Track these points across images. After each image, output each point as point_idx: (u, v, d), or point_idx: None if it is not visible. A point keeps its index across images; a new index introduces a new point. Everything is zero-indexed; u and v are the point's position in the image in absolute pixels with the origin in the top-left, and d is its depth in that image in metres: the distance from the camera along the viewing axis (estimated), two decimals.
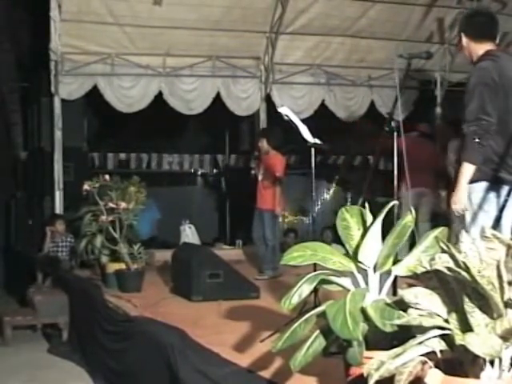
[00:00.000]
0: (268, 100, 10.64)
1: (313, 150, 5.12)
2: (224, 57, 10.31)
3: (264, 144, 7.67)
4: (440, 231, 2.76)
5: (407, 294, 2.34)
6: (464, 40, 4.07)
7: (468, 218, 3.84)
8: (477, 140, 3.72)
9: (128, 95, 9.94)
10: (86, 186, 6.71)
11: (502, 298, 2.18)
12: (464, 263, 2.18)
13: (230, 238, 11.77)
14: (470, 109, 3.81)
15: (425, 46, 9.85)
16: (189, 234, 10.01)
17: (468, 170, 3.76)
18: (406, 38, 10.53)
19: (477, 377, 2.20)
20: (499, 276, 2.18)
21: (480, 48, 3.99)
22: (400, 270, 2.74)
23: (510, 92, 3.85)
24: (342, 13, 10.07)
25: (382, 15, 10.22)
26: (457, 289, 2.26)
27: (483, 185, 3.79)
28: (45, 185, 10.10)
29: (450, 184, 4.28)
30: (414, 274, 2.59)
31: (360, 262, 2.79)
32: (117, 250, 6.63)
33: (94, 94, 9.79)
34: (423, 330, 2.30)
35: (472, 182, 3.81)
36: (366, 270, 2.80)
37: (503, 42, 9.74)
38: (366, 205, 2.97)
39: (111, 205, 6.61)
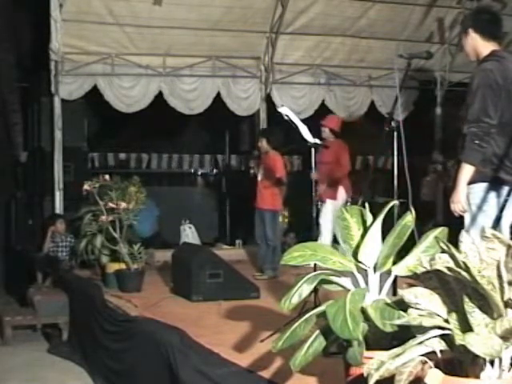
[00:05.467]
0: (268, 100, 10.64)
1: (313, 149, 5.13)
2: (224, 57, 10.31)
3: (264, 144, 7.67)
4: (440, 231, 2.76)
5: (407, 294, 2.34)
6: (473, 36, 3.98)
7: (468, 218, 3.84)
8: (476, 141, 3.73)
9: (128, 95, 9.94)
10: (86, 186, 6.71)
11: (502, 297, 2.18)
12: (464, 263, 2.18)
13: (229, 238, 11.77)
14: (471, 110, 3.81)
15: (425, 46, 9.84)
16: (189, 233, 10.01)
17: (467, 170, 3.77)
18: (406, 38, 10.54)
19: (477, 377, 2.20)
20: (499, 276, 2.18)
21: (486, 47, 3.94)
22: (400, 270, 2.74)
23: None
24: (342, 13, 10.08)
25: (382, 15, 10.22)
26: (457, 289, 2.26)
27: (482, 185, 3.79)
28: (45, 185, 10.10)
29: None
30: (414, 274, 2.59)
31: (360, 262, 2.80)
32: (117, 250, 6.63)
33: (94, 94, 9.78)
34: (423, 330, 2.30)
35: (472, 183, 3.81)
36: (366, 270, 2.80)
37: (503, 42, 9.74)
38: (366, 205, 2.97)
39: (111, 205, 6.61)
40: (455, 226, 3.14)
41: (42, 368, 6.19)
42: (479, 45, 3.97)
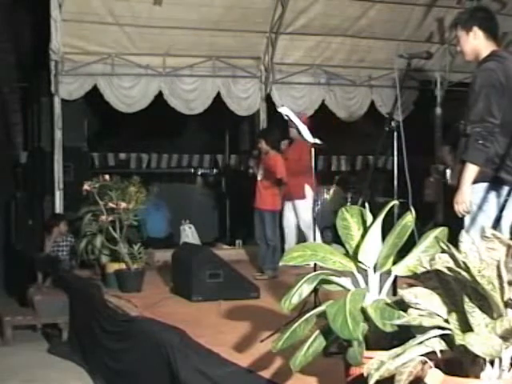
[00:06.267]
0: (268, 100, 10.64)
1: (313, 149, 5.13)
2: (224, 57, 10.31)
3: (263, 145, 7.69)
4: (440, 231, 2.76)
5: (407, 294, 2.34)
6: (478, 34, 3.90)
7: (468, 218, 3.84)
8: (480, 141, 3.71)
9: (128, 95, 9.94)
10: (86, 186, 6.70)
11: (502, 298, 2.18)
12: (464, 263, 2.18)
13: (229, 237, 11.77)
14: (475, 110, 3.77)
15: (425, 46, 9.84)
16: (189, 234, 10.01)
17: (471, 170, 3.74)
18: (406, 38, 10.54)
19: (477, 377, 2.20)
20: (499, 276, 2.18)
21: (487, 47, 3.89)
22: (400, 270, 2.74)
23: None
24: (342, 13, 10.08)
25: (381, 15, 10.22)
26: (457, 289, 2.26)
27: (482, 185, 3.79)
28: (45, 185, 10.09)
29: None
30: (414, 273, 2.59)
31: (360, 262, 2.80)
32: (117, 250, 6.63)
33: (94, 94, 9.78)
34: (423, 330, 2.30)
35: (473, 183, 3.80)
36: (366, 270, 2.80)
37: (503, 42, 9.75)
38: (366, 205, 2.97)
39: (111, 205, 6.61)
40: (455, 225, 3.13)
41: (41, 368, 6.19)
42: (481, 44, 3.91)
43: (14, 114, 11.98)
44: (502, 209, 3.52)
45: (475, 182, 3.79)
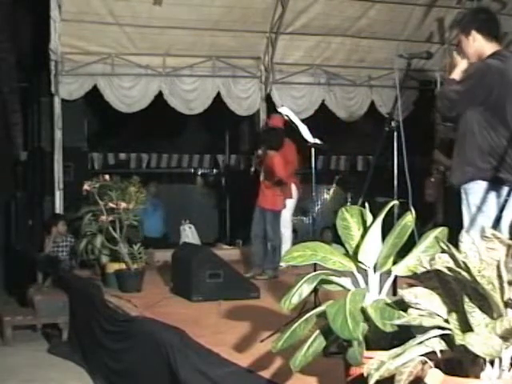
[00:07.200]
0: (268, 100, 10.65)
1: (313, 150, 5.13)
2: (224, 57, 10.32)
3: (261, 146, 7.70)
4: (440, 231, 2.76)
5: (407, 294, 2.34)
6: (476, 37, 3.92)
7: (467, 219, 3.84)
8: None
9: (128, 95, 9.95)
10: (86, 186, 6.71)
11: (502, 298, 2.18)
12: (464, 263, 2.18)
13: (229, 237, 11.77)
14: (454, 87, 3.90)
15: (425, 46, 9.85)
16: (189, 234, 10.01)
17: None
18: (406, 38, 10.55)
19: (477, 377, 2.20)
20: (499, 276, 2.17)
21: (489, 48, 3.90)
22: (400, 270, 2.74)
23: None
24: (342, 13, 10.08)
25: (381, 15, 10.23)
26: (457, 289, 2.26)
27: (482, 185, 3.79)
28: (45, 185, 10.10)
29: None
30: (414, 273, 2.59)
31: (360, 262, 2.79)
32: (117, 250, 6.63)
33: (94, 94, 9.79)
34: (423, 330, 2.30)
35: (470, 180, 3.80)
36: (366, 270, 2.80)
37: (503, 42, 9.74)
38: (366, 205, 2.97)
39: (111, 205, 6.61)
40: (455, 225, 3.13)
41: (42, 368, 6.19)
42: (483, 46, 3.92)
43: (14, 114, 11.98)
44: (501, 209, 3.51)
45: (473, 179, 3.80)
